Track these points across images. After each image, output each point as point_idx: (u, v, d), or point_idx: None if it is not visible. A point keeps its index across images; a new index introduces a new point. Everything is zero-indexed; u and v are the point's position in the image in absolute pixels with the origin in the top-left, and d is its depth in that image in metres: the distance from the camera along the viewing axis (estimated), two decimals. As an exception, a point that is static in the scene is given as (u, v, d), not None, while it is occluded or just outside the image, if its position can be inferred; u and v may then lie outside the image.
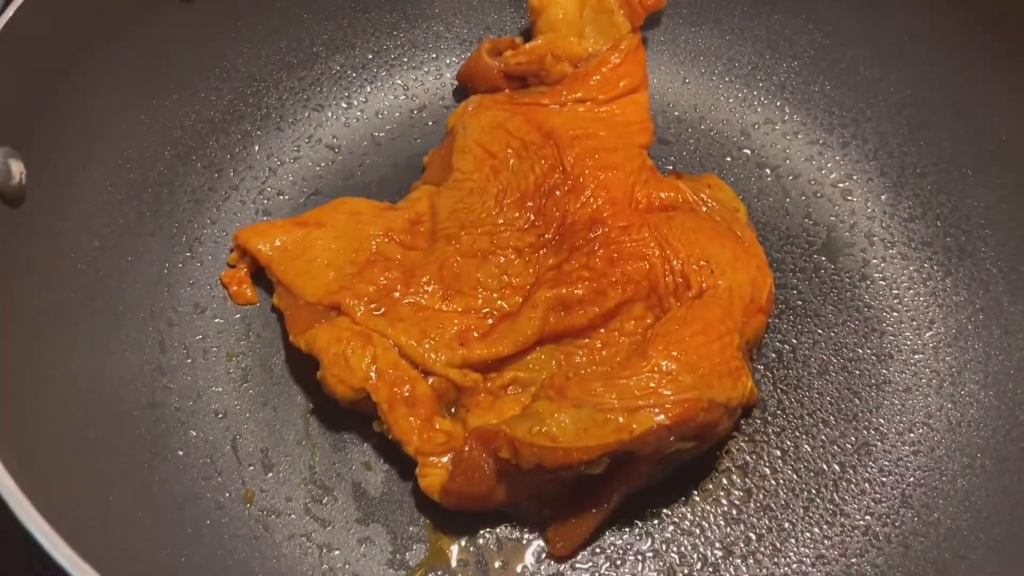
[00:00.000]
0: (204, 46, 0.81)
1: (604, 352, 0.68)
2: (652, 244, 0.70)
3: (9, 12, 0.64)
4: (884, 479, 0.71)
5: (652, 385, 0.63)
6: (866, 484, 0.70)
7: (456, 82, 0.89)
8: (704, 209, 0.74)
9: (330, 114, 0.88)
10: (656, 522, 0.68)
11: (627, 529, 0.68)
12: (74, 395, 0.65)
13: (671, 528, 0.68)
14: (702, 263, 0.69)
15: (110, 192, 0.73)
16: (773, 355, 0.76)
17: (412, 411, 0.66)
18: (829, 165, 0.86)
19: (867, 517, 0.69)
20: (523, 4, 0.90)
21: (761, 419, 0.73)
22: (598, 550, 0.67)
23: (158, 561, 0.61)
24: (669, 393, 0.62)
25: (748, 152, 0.87)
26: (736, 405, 0.65)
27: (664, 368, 0.63)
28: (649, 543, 0.68)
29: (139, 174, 0.76)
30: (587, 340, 0.68)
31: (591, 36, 0.84)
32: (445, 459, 0.65)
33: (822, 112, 0.87)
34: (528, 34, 0.88)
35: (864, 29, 0.85)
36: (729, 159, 0.86)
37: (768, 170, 0.86)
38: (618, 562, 0.67)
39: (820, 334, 0.77)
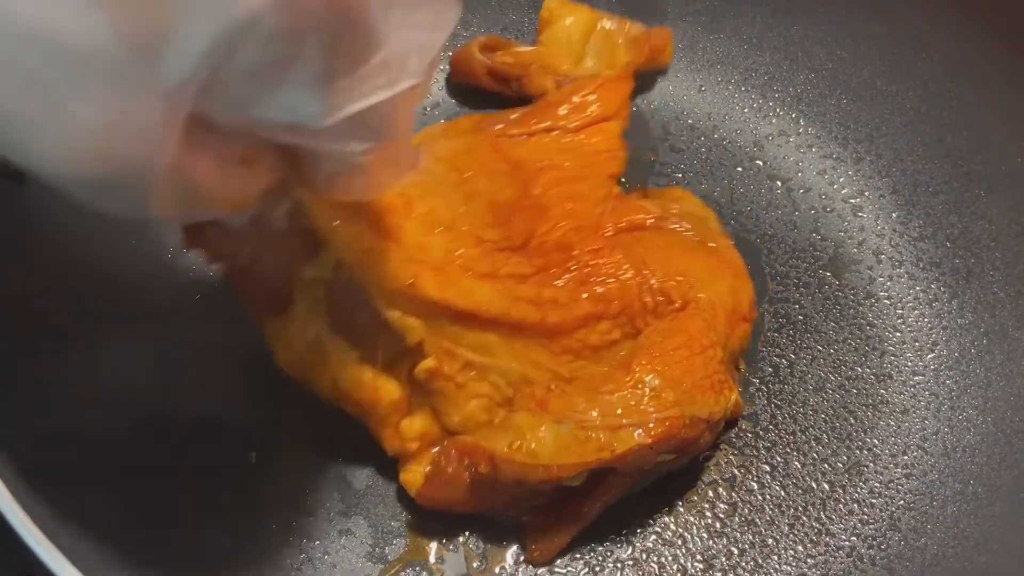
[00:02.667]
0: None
1: (564, 356, 0.67)
2: (626, 265, 0.68)
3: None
4: (873, 500, 0.70)
5: (634, 402, 0.62)
6: (855, 505, 0.69)
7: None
8: (673, 223, 0.73)
9: (343, 108, 0.88)
10: (638, 530, 0.68)
11: (608, 536, 0.67)
12: (73, 387, 0.66)
13: (652, 537, 0.68)
14: (679, 279, 0.69)
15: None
16: (769, 369, 0.75)
17: (383, 421, 0.65)
18: (841, 180, 0.85)
19: (853, 538, 0.68)
20: (541, 7, 0.91)
21: (752, 433, 0.72)
22: (577, 555, 0.67)
23: (139, 553, 0.62)
24: (652, 411, 0.62)
25: (760, 163, 0.86)
26: (719, 419, 0.65)
27: (647, 383, 0.63)
28: (629, 551, 0.67)
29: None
30: (548, 341, 0.67)
31: (590, 62, 0.84)
32: (426, 461, 0.65)
33: (837, 126, 0.86)
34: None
35: (883, 43, 0.84)
36: (740, 169, 0.86)
37: (779, 182, 0.85)
38: (597, 568, 0.67)
39: (819, 350, 0.76)
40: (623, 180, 0.79)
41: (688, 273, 0.69)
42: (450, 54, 0.88)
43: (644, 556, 0.67)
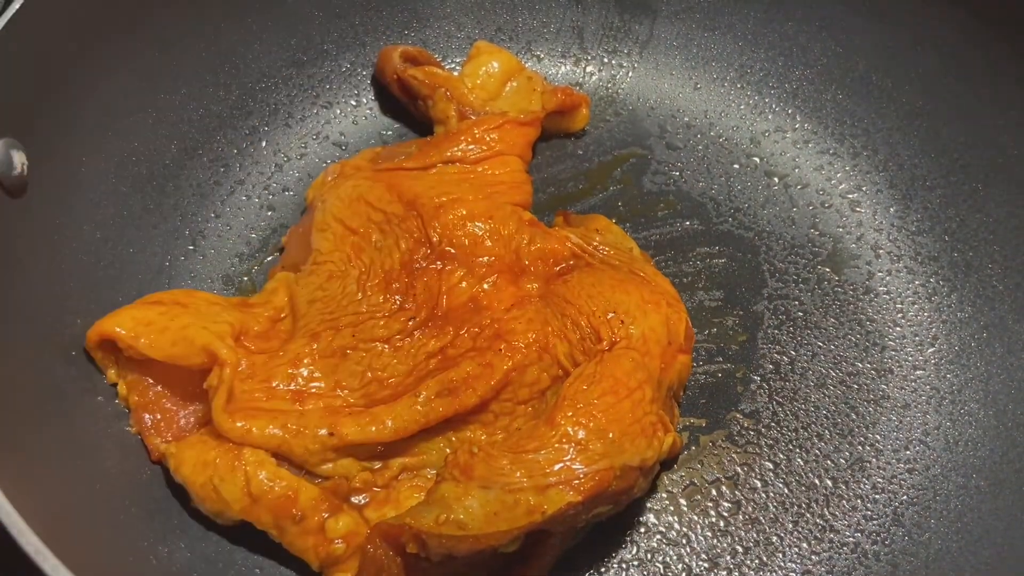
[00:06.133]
0: (214, 42, 0.81)
1: (499, 422, 0.64)
2: (545, 311, 0.67)
3: (16, 3, 0.65)
4: (877, 496, 0.70)
5: (561, 459, 0.59)
6: (858, 501, 0.69)
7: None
8: (599, 257, 0.71)
9: (339, 111, 0.88)
10: (643, 531, 0.68)
11: (613, 537, 0.67)
12: (71, 391, 0.65)
13: (657, 537, 0.68)
14: (611, 315, 0.66)
15: (115, 184, 0.74)
16: (770, 366, 0.75)
17: (303, 526, 0.61)
18: (839, 175, 0.85)
19: (857, 534, 0.68)
20: (535, 7, 0.91)
21: (754, 431, 0.72)
22: (581, 558, 0.66)
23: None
24: (580, 467, 0.59)
25: (757, 160, 0.86)
26: (652, 464, 0.62)
27: (572, 435, 0.60)
28: (634, 551, 0.67)
29: (145, 167, 0.77)
30: (479, 415, 0.64)
31: (502, 104, 0.84)
32: (355, 566, 0.61)
33: (833, 121, 0.86)
34: (529, 47, 0.90)
35: (877, 38, 0.84)
36: (737, 166, 0.86)
37: (776, 179, 0.85)
38: (602, 569, 0.66)
39: (820, 346, 0.76)
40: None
41: (619, 308, 0.67)
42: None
43: (649, 556, 0.67)
